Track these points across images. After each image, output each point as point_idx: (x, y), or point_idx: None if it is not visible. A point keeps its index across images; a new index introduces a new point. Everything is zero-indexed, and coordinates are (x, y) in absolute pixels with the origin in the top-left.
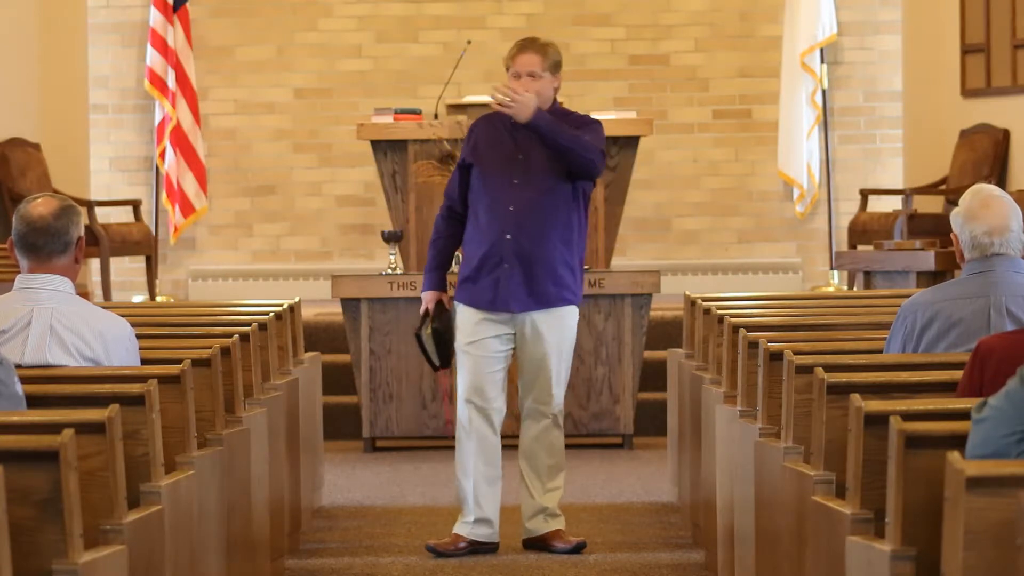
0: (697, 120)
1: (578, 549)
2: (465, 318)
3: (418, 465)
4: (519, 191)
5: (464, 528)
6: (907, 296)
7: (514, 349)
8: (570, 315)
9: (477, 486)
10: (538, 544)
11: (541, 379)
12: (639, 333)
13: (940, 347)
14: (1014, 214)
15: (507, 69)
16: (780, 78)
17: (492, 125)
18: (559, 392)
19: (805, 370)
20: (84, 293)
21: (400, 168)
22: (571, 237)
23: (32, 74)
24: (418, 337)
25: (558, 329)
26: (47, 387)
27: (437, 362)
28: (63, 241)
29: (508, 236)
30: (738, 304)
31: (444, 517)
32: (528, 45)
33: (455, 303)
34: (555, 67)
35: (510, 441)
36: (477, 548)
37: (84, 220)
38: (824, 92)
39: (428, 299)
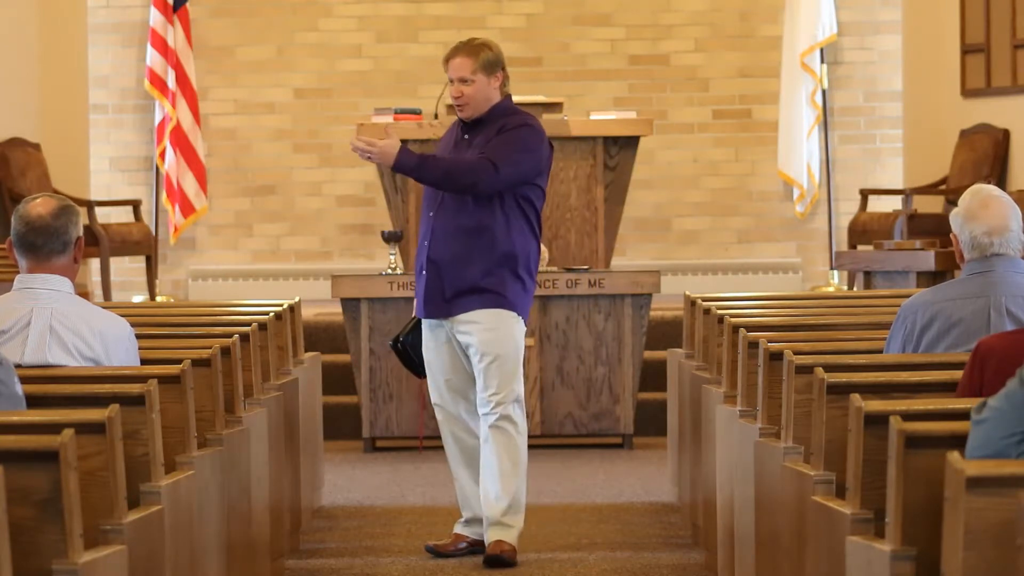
0: (697, 120)
1: (492, 562)
2: (423, 326)
3: (418, 465)
4: (441, 198)
5: (459, 527)
6: (907, 296)
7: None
8: (497, 316)
9: (463, 487)
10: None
11: (477, 381)
12: (639, 333)
13: (940, 347)
14: (1014, 214)
15: None
16: (780, 78)
17: (451, 131)
18: (493, 393)
19: (805, 370)
20: (84, 293)
21: None
22: (494, 242)
23: (32, 74)
24: (392, 347)
25: (481, 331)
26: (47, 387)
27: (413, 372)
28: (62, 241)
29: (426, 242)
30: (738, 304)
31: (444, 517)
32: (459, 49)
33: None
34: (489, 67)
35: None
36: (476, 547)
37: (84, 220)
38: (824, 92)
39: (416, 308)
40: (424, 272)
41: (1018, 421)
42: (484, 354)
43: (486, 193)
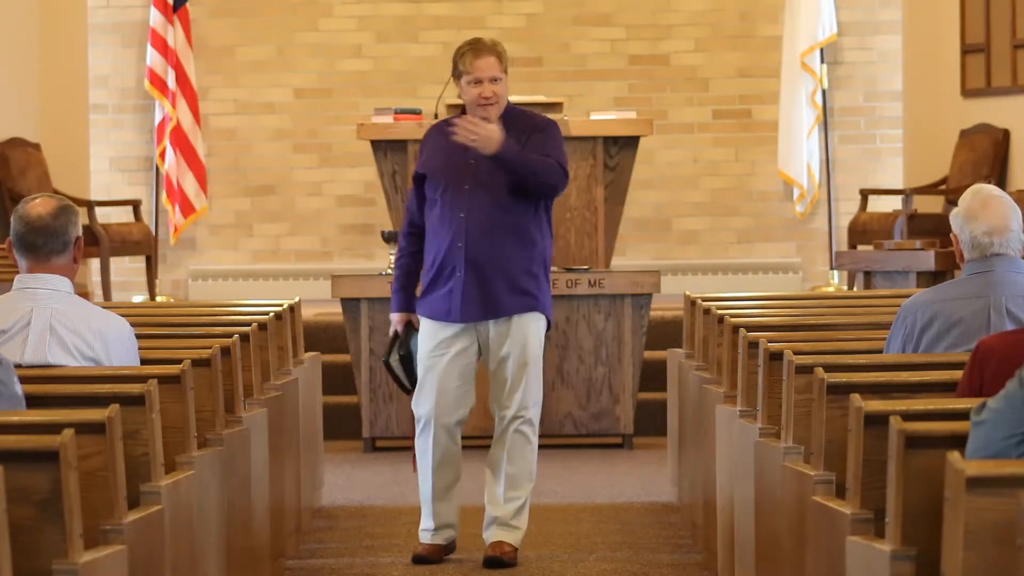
0: (697, 120)
1: (492, 563)
2: (426, 331)
3: None
4: (470, 197)
5: (431, 537)
6: (907, 296)
7: (479, 358)
8: (532, 321)
9: (437, 493)
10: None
11: (501, 384)
12: (639, 333)
13: (940, 347)
14: (1014, 214)
15: (458, 76)
16: (780, 78)
17: (442, 133)
18: (521, 398)
19: (805, 370)
20: (84, 293)
21: (400, 168)
22: (529, 241)
23: (32, 74)
24: (386, 364)
25: (517, 336)
26: (47, 387)
27: (409, 386)
28: (62, 241)
29: (460, 244)
30: (738, 304)
31: None
32: (485, 49)
33: (419, 316)
34: (506, 67)
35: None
36: (450, 549)
37: (84, 220)
38: (824, 92)
39: (396, 321)
40: (458, 273)
41: (1018, 422)
42: (517, 358)
43: (555, 195)
